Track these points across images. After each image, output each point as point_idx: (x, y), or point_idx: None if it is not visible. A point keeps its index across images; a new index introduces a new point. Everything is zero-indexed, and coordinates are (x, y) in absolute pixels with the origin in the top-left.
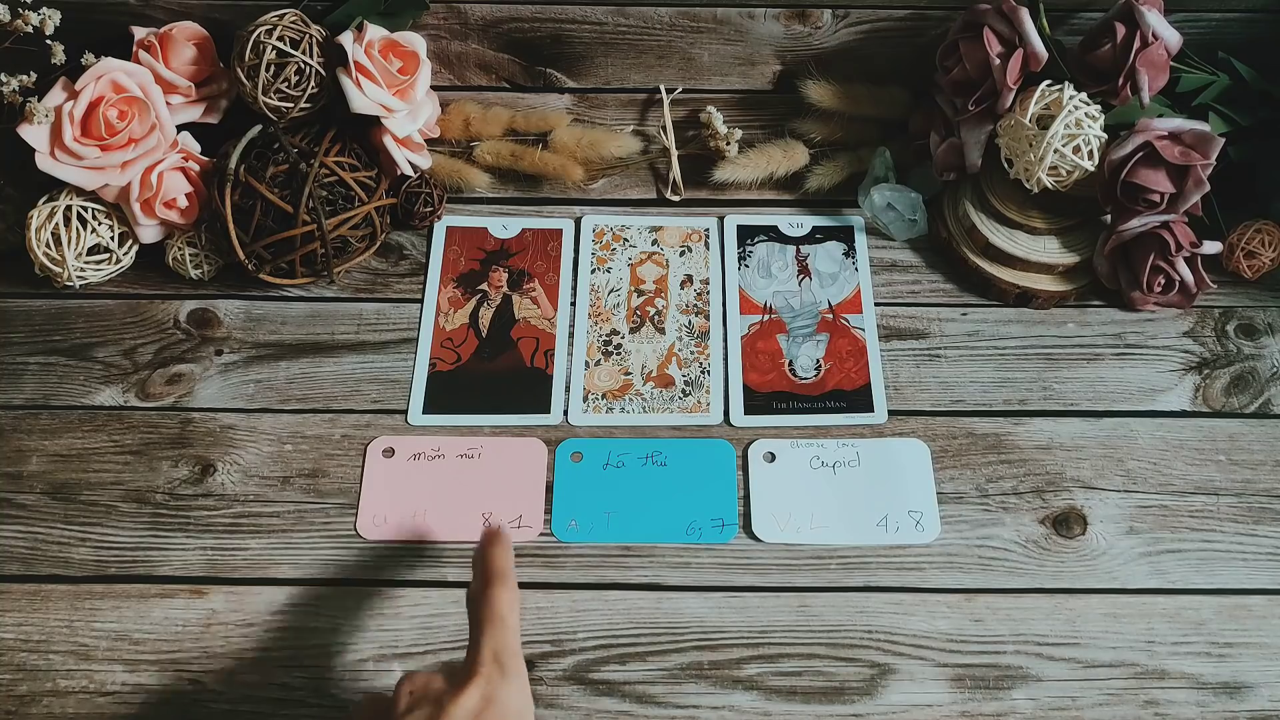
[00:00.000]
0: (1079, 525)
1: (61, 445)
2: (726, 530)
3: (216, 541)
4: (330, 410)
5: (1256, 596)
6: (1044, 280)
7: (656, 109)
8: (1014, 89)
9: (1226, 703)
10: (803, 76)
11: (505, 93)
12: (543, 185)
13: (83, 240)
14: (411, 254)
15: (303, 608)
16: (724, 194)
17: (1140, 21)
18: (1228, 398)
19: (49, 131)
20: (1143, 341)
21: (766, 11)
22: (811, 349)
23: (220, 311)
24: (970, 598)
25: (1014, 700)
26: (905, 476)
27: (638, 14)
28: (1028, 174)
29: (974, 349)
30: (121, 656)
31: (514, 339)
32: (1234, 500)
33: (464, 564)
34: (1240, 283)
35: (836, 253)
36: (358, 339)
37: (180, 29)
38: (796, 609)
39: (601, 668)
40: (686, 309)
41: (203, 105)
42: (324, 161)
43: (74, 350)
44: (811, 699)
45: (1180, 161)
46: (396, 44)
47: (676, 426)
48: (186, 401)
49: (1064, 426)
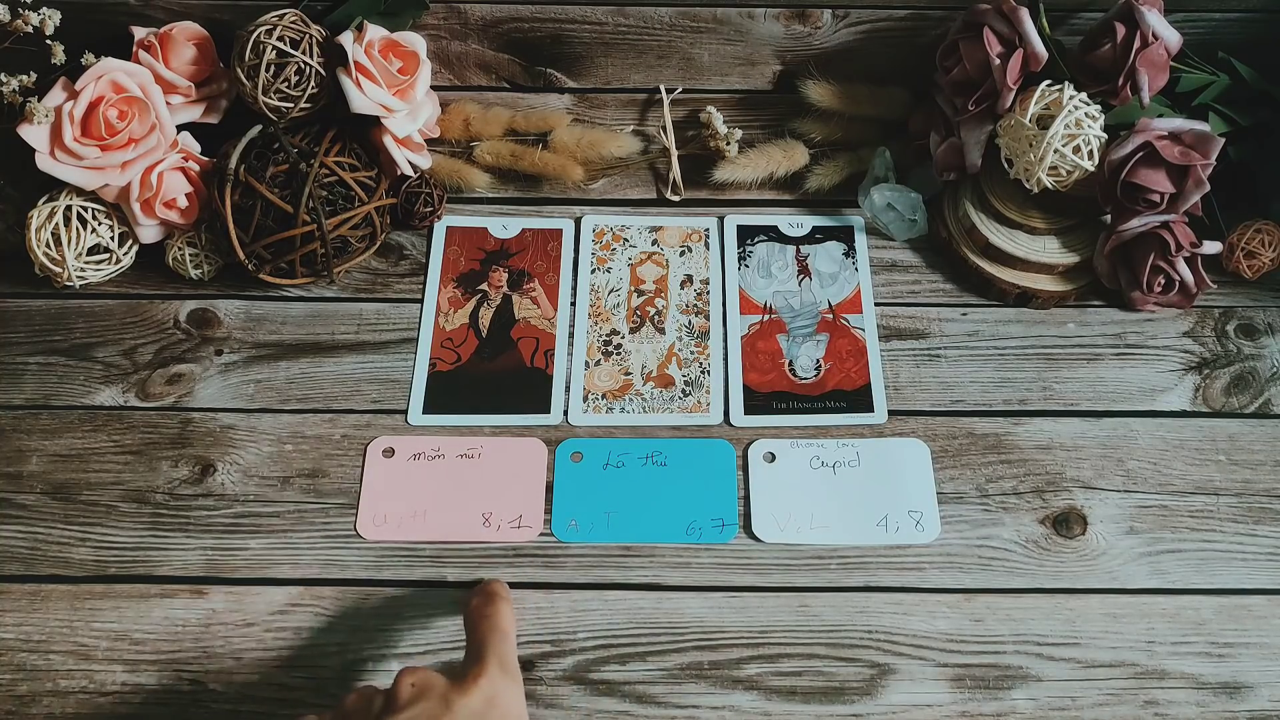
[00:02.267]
0: (1079, 525)
1: (61, 445)
2: (726, 530)
3: (216, 541)
4: (330, 410)
5: (1256, 596)
6: (1044, 280)
7: (656, 109)
8: (1014, 89)
9: (1226, 703)
10: (803, 76)
11: (505, 93)
12: (543, 185)
13: (83, 240)
14: (411, 254)
15: (303, 608)
16: (724, 194)
17: (1140, 21)
18: (1228, 398)
19: (49, 131)
20: (1143, 341)
21: (766, 11)
22: (811, 349)
23: (220, 311)
24: (970, 598)
25: (1014, 700)
26: (905, 476)
27: (638, 14)
28: (1028, 174)
29: (974, 349)
30: (121, 656)
31: (514, 339)
32: (1234, 500)
33: (464, 564)
34: (1240, 283)
35: (836, 253)
36: (358, 339)
37: (180, 29)
38: (796, 609)
39: (601, 668)
40: (686, 309)
41: (203, 105)
42: (324, 161)
43: (74, 350)
44: (811, 699)
45: (1180, 161)
46: (396, 44)
47: (676, 426)
48: (186, 401)
49: (1064, 426)
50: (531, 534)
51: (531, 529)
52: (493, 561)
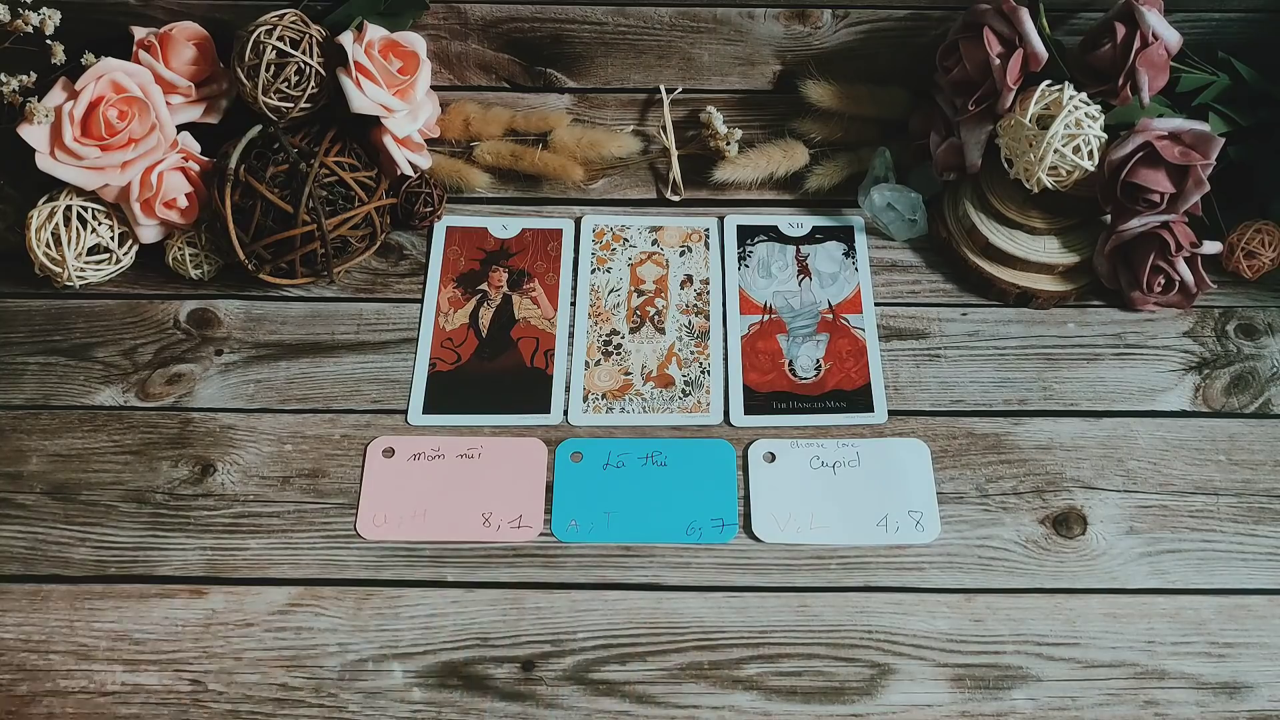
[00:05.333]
0: (1079, 525)
1: (61, 445)
2: (726, 530)
3: (216, 541)
4: (330, 410)
5: (1256, 596)
6: (1044, 280)
7: (656, 109)
8: (1014, 89)
9: (1226, 703)
10: (803, 76)
11: (505, 93)
12: (543, 185)
13: (83, 240)
14: (411, 254)
15: (303, 608)
16: (724, 194)
17: (1140, 21)
18: (1228, 398)
19: (49, 131)
20: (1143, 341)
21: (766, 11)
22: (811, 349)
23: (220, 311)
24: (970, 598)
25: (1014, 700)
26: (905, 476)
27: (638, 14)
28: (1028, 174)
29: (974, 349)
30: (121, 656)
31: (514, 339)
32: (1234, 500)
33: (464, 564)
34: (1240, 283)
35: (836, 253)
36: (358, 339)
37: (180, 29)
38: (796, 609)
39: (601, 668)
40: (686, 309)
41: (203, 105)
42: (324, 161)
43: (74, 350)
44: (811, 699)
45: (1180, 161)
46: (396, 44)
47: (676, 426)
48: (186, 401)
49: (1064, 426)
50: (531, 534)
51: (531, 529)
52: (493, 561)
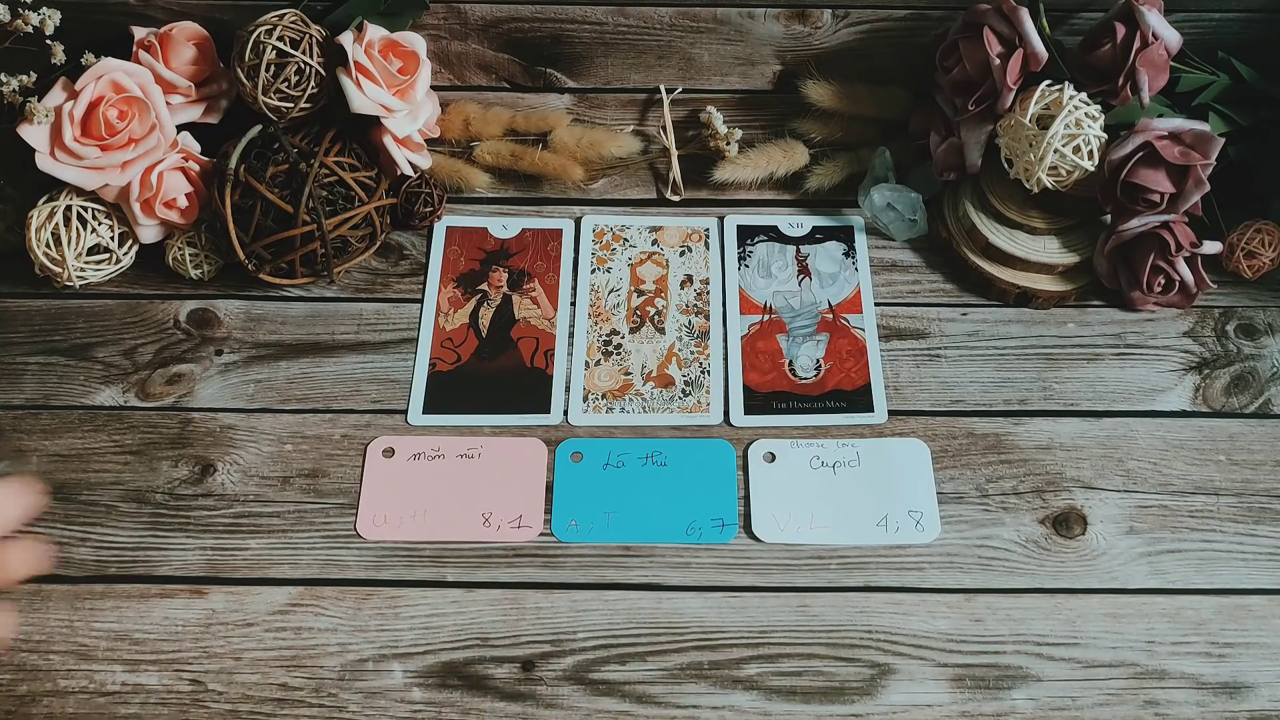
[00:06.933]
0: (1079, 525)
1: (61, 445)
2: (726, 530)
3: (216, 541)
4: (330, 410)
5: (1256, 596)
6: (1044, 280)
7: (656, 109)
8: (1014, 89)
9: (1226, 703)
10: (803, 76)
11: (505, 93)
12: (543, 185)
13: (83, 240)
14: (411, 254)
15: (303, 608)
16: (724, 194)
17: (1140, 21)
18: (1228, 398)
19: (49, 131)
20: (1143, 341)
21: (766, 11)
22: (811, 349)
23: (220, 311)
24: (970, 598)
25: (1014, 700)
26: (905, 476)
27: (638, 14)
28: (1028, 174)
29: (974, 349)
30: (121, 656)
31: (514, 339)
32: (1234, 500)
33: (464, 564)
34: (1240, 283)
35: (836, 253)
36: (358, 339)
37: (180, 29)
38: (796, 609)
39: (601, 668)
40: (686, 309)
41: (203, 105)
42: (324, 161)
43: (74, 350)
44: (811, 699)
45: (1180, 161)
46: (396, 44)
47: (676, 426)
48: (186, 401)
49: (1064, 426)
50: (531, 534)
51: (531, 529)
52: (493, 561)
